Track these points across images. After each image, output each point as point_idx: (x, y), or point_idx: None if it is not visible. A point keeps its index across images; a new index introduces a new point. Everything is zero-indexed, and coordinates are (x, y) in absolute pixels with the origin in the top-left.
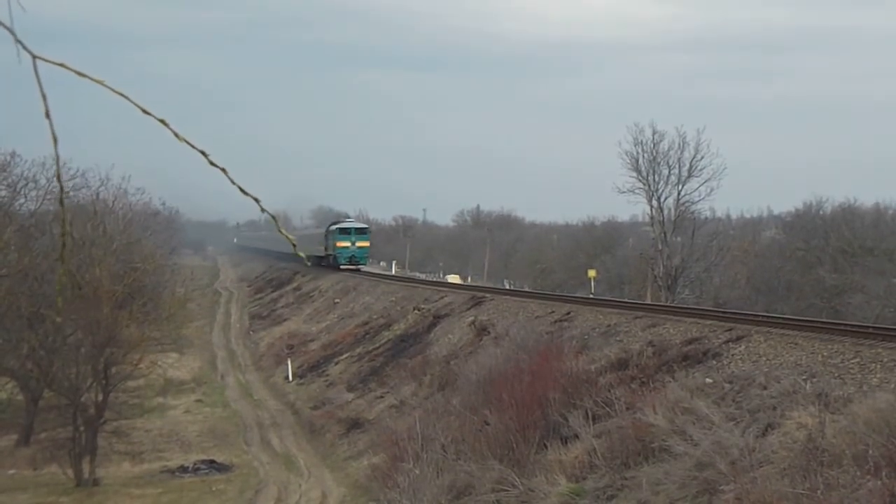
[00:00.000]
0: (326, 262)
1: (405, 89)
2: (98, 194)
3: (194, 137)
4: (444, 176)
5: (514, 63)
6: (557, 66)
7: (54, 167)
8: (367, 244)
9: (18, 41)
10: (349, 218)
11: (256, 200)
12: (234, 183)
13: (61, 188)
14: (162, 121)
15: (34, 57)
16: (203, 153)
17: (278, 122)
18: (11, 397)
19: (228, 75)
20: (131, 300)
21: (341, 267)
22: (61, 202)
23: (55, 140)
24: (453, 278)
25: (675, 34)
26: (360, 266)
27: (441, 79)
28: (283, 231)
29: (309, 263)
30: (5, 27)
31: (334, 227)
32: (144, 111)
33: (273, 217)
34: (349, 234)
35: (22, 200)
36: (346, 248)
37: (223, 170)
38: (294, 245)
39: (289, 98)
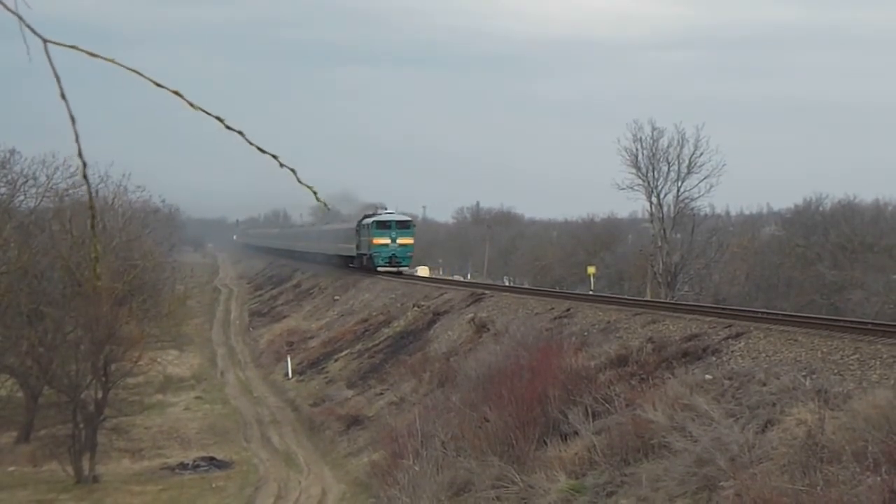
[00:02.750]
0: (359, 263)
1: (404, 88)
2: (98, 191)
3: (187, 139)
4: (444, 173)
5: (513, 62)
6: (558, 65)
7: (54, 164)
8: (410, 241)
9: (28, 26)
10: (386, 209)
11: (275, 157)
12: (251, 143)
13: (84, 164)
14: (176, 92)
15: (45, 41)
16: (219, 119)
17: (274, 121)
18: (11, 394)
19: (223, 74)
20: (131, 297)
21: (378, 269)
22: (85, 176)
23: (73, 119)
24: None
25: (675, 33)
26: (402, 268)
27: (440, 77)
28: (302, 181)
29: (328, 207)
30: (11, 11)
31: (369, 220)
32: (157, 84)
33: (292, 170)
34: (388, 228)
35: (21, 197)
36: (386, 245)
37: (240, 132)
38: (315, 193)
39: (285, 97)
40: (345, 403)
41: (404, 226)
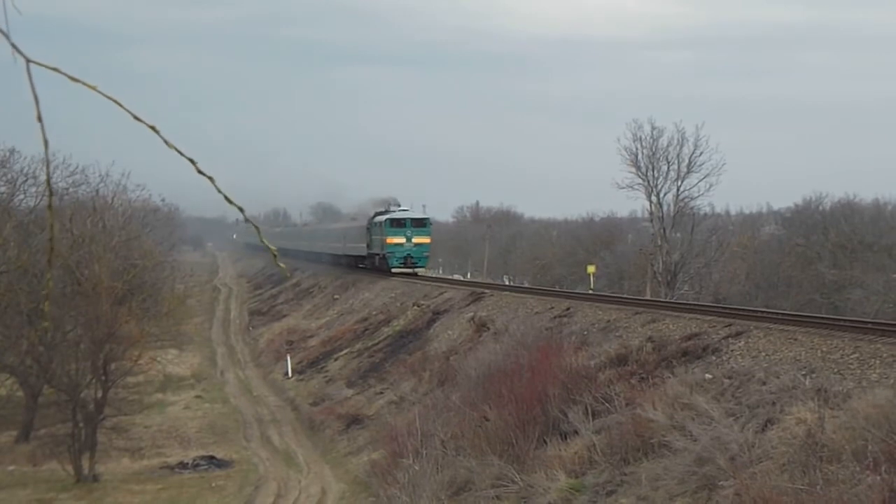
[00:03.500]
0: (370, 263)
1: (404, 88)
2: (98, 190)
3: (188, 139)
4: (444, 173)
5: (513, 61)
6: (558, 64)
7: (53, 163)
8: (427, 240)
9: (13, 44)
10: (400, 206)
11: (241, 210)
12: (220, 192)
13: (50, 192)
14: (152, 127)
15: (28, 61)
16: (192, 161)
17: (275, 121)
18: (11, 393)
19: (223, 74)
20: (131, 296)
21: (393, 270)
22: (50, 206)
23: (46, 144)
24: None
25: (675, 33)
26: (417, 269)
27: (440, 77)
28: (265, 241)
29: (288, 274)
30: (0, 31)
31: (382, 217)
32: (135, 117)
33: (257, 227)
34: (403, 226)
35: (21, 196)
36: (400, 245)
37: (210, 178)
38: (275, 256)
39: (285, 97)
40: (344, 402)
41: (420, 224)
